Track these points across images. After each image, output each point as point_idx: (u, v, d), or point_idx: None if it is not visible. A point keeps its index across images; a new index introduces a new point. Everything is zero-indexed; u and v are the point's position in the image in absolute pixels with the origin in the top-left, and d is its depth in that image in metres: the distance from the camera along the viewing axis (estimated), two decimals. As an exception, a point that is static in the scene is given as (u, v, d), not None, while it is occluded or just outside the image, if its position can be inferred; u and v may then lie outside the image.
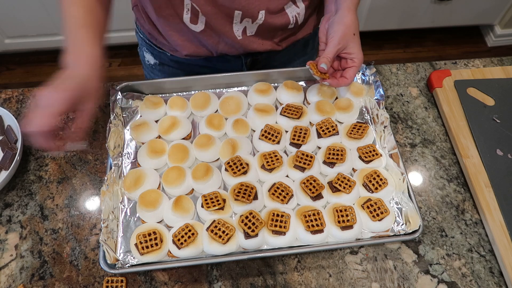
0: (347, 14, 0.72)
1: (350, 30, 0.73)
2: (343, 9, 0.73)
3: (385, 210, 0.70)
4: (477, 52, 2.31)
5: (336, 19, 0.73)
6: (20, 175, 0.80)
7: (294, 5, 0.81)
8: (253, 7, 0.76)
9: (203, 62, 0.92)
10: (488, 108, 0.86)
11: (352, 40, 0.73)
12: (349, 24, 0.72)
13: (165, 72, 0.98)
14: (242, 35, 0.83)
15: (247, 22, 0.80)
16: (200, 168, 0.74)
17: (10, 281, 0.69)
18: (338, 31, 0.72)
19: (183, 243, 0.66)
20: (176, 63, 0.94)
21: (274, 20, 0.80)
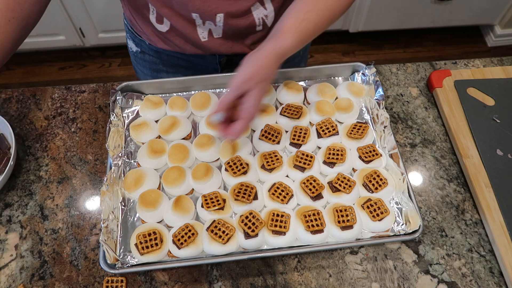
0: (263, 57, 0.62)
1: (258, 75, 0.61)
2: (265, 49, 0.63)
3: (385, 210, 0.70)
4: (477, 52, 2.31)
5: (252, 57, 0.63)
6: (20, 175, 0.80)
7: (262, 7, 0.77)
8: (210, 10, 0.73)
9: (179, 55, 0.91)
10: (488, 108, 0.86)
11: (255, 88, 0.62)
12: (259, 68, 0.62)
13: (146, 61, 0.98)
14: (208, 37, 0.80)
15: (210, 24, 0.77)
16: (200, 168, 0.74)
17: (10, 281, 0.69)
18: (244, 71, 0.62)
19: (183, 243, 0.66)
20: (155, 53, 0.93)
21: (238, 22, 0.77)
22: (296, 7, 0.67)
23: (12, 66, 2.17)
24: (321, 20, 0.68)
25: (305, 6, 0.67)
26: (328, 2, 0.68)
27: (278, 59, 0.64)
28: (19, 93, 0.91)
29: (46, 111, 0.88)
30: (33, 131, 0.86)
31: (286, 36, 0.64)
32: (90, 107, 0.89)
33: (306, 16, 0.66)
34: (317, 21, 0.67)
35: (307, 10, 0.66)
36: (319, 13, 0.67)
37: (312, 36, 0.69)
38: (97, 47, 2.16)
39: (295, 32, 0.65)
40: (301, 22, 0.65)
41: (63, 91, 0.91)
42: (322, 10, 0.68)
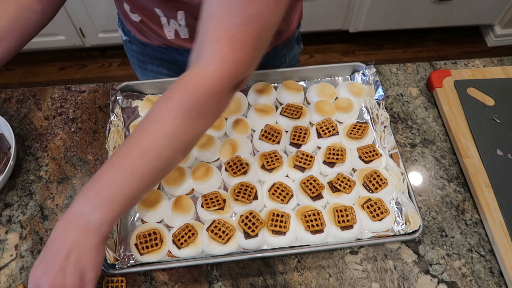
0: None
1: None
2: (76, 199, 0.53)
3: (385, 210, 0.70)
4: (477, 52, 2.31)
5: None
6: (20, 175, 0.80)
7: None
8: (170, 7, 0.70)
9: (161, 48, 0.89)
10: (488, 108, 0.86)
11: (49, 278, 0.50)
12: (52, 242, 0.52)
13: (133, 50, 0.97)
14: (175, 36, 0.79)
15: (175, 24, 0.75)
16: (200, 168, 0.74)
17: (10, 281, 0.69)
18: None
19: (183, 243, 0.66)
20: (140, 44, 0.92)
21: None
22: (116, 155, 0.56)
23: (12, 66, 2.17)
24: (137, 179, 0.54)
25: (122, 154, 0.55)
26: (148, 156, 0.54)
27: (77, 224, 0.54)
28: (19, 93, 0.91)
29: (46, 111, 0.88)
30: (33, 131, 0.86)
31: (78, 205, 0.54)
32: (90, 107, 0.89)
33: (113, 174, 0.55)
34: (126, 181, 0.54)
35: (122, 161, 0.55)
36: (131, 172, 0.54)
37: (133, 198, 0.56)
38: (97, 47, 2.16)
39: (87, 199, 0.54)
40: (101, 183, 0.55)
41: (63, 91, 0.91)
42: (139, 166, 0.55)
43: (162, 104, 0.52)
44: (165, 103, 0.52)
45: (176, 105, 0.52)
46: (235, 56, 0.51)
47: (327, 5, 1.97)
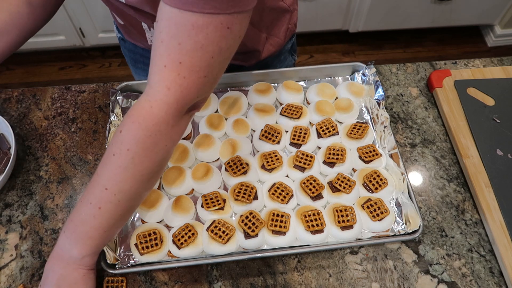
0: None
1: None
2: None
3: (385, 210, 0.70)
4: (477, 52, 2.31)
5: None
6: (20, 175, 0.80)
7: None
8: (147, 19, 0.69)
9: (149, 50, 0.89)
10: (488, 108, 0.86)
11: None
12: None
13: (126, 48, 0.97)
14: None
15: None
16: (200, 168, 0.74)
17: (10, 281, 0.69)
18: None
19: (183, 243, 0.66)
20: (132, 45, 0.92)
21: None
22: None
23: (12, 66, 2.17)
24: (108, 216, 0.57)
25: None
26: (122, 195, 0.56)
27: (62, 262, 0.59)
28: (19, 93, 0.91)
29: (46, 111, 0.88)
30: (33, 131, 0.86)
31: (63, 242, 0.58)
32: (90, 107, 0.89)
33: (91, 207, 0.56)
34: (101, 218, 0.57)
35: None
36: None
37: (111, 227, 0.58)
38: (97, 47, 2.16)
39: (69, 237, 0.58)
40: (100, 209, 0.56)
41: (63, 91, 0.91)
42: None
43: (116, 137, 0.53)
44: (118, 136, 0.53)
45: (127, 138, 0.52)
46: (182, 83, 0.49)
47: (327, 5, 1.97)
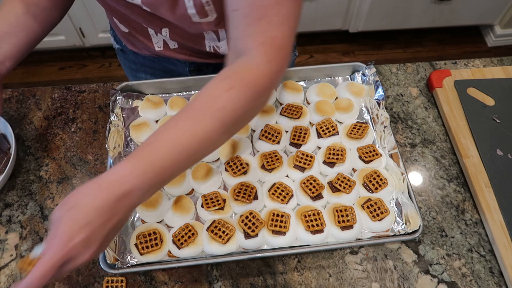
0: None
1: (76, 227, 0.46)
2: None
3: (385, 210, 0.70)
4: (477, 52, 2.31)
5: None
6: (20, 175, 0.80)
7: (215, 35, 0.75)
8: (155, 24, 0.71)
9: (152, 57, 0.90)
10: (488, 108, 0.86)
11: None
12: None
13: (126, 59, 0.97)
14: (164, 47, 0.79)
15: (164, 36, 0.76)
16: (200, 168, 0.74)
17: (10, 281, 0.69)
18: (63, 227, 0.46)
19: (183, 243, 0.66)
20: (132, 53, 0.93)
21: (188, 43, 0.75)
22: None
23: (12, 66, 2.17)
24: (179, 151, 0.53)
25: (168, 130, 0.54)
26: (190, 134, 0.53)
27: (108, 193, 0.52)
28: (19, 93, 0.91)
29: (46, 111, 0.88)
30: (33, 131, 0.86)
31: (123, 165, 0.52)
32: (90, 107, 0.89)
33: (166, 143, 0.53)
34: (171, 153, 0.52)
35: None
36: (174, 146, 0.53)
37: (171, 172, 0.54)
38: (97, 47, 2.16)
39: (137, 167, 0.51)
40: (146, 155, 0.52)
41: (63, 91, 0.91)
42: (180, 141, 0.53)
43: (224, 93, 0.52)
44: (227, 92, 0.52)
45: (238, 96, 0.53)
46: (278, 55, 0.54)
47: (327, 5, 1.97)
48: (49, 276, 0.45)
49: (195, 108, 0.53)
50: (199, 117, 0.52)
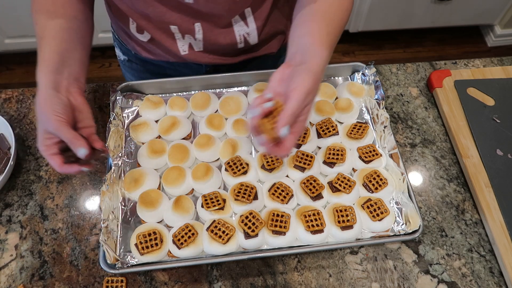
0: (316, 68, 0.57)
1: (317, 86, 0.57)
2: (312, 62, 0.58)
3: (385, 210, 0.70)
4: (477, 52, 2.31)
5: (305, 68, 0.57)
6: (20, 175, 0.80)
7: (243, 22, 0.76)
8: (187, 20, 0.72)
9: (165, 64, 0.90)
10: (488, 108, 0.86)
11: (312, 101, 0.58)
12: (318, 79, 0.57)
13: (134, 69, 0.98)
14: (189, 50, 0.80)
15: (190, 38, 0.77)
16: (200, 168, 0.74)
17: (10, 281, 0.69)
18: (306, 82, 0.55)
19: (183, 243, 0.66)
20: (141, 61, 0.93)
21: (218, 38, 0.76)
22: (314, 22, 0.65)
23: (12, 66, 2.17)
24: (339, 32, 0.67)
25: (323, 21, 0.65)
26: (338, 14, 0.68)
27: (323, 72, 0.60)
28: (19, 93, 0.91)
29: (46, 111, 0.88)
30: (33, 131, 0.86)
31: (321, 49, 0.60)
32: (90, 107, 0.89)
33: (328, 29, 0.64)
34: (336, 33, 0.66)
35: (326, 24, 0.65)
36: (336, 26, 0.66)
37: (334, 47, 0.68)
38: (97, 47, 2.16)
39: (327, 46, 0.62)
40: (327, 36, 0.63)
41: (63, 91, 0.91)
42: (337, 22, 0.67)
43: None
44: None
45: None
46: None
47: (327, 5, 1.96)
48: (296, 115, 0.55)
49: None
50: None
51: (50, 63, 0.63)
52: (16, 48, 2.07)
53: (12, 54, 2.14)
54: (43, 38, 0.65)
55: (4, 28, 1.96)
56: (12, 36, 2.01)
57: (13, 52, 2.11)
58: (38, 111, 0.61)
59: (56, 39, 0.65)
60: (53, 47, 0.64)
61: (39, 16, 0.66)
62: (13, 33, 2.00)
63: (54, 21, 0.66)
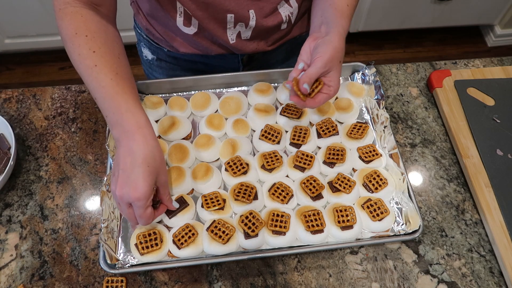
0: (338, 39, 0.68)
1: (338, 55, 0.68)
2: (334, 33, 0.69)
3: (385, 210, 0.70)
4: (477, 52, 2.31)
5: (327, 40, 0.68)
6: (20, 175, 0.80)
7: (287, 4, 0.80)
8: (243, 7, 0.75)
9: (200, 58, 0.91)
10: (488, 108, 0.86)
11: (336, 67, 0.69)
12: (339, 49, 0.68)
13: (163, 67, 0.98)
14: (236, 39, 0.82)
15: (241, 27, 0.79)
16: (200, 168, 0.74)
17: (10, 281, 0.69)
18: (327, 52, 0.67)
19: (183, 243, 0.66)
20: (173, 59, 0.94)
21: (267, 22, 0.79)
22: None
23: (12, 66, 2.17)
24: (356, 2, 0.76)
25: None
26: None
27: (344, 40, 0.70)
28: (19, 93, 0.91)
29: (46, 111, 0.88)
30: (33, 131, 0.86)
31: (343, 20, 0.71)
32: (90, 107, 0.89)
33: (348, 1, 0.73)
34: (354, 3, 0.75)
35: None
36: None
37: (352, 17, 0.77)
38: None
39: (346, 16, 0.72)
40: (347, 7, 0.73)
41: (63, 91, 0.91)
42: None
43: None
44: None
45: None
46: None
47: (327, 5, 1.96)
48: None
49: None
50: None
51: (139, 103, 0.63)
52: (16, 48, 2.07)
53: (12, 54, 2.14)
54: (122, 77, 0.63)
55: (4, 28, 1.97)
56: (12, 36, 2.01)
57: (13, 52, 2.11)
58: (157, 158, 0.61)
59: (134, 83, 0.66)
60: (129, 82, 0.65)
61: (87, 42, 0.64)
62: (13, 33, 2.00)
63: (109, 48, 0.65)
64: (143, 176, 0.59)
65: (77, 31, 0.64)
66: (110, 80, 0.61)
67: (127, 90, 0.62)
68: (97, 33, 0.65)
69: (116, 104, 0.61)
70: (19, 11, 1.86)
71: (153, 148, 0.60)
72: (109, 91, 0.61)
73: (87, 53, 0.63)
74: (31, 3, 1.82)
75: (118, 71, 0.63)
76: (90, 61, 0.62)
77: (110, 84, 0.61)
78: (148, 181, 0.59)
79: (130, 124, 0.60)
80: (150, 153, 0.60)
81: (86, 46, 0.63)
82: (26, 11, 1.86)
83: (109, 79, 0.62)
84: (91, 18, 0.66)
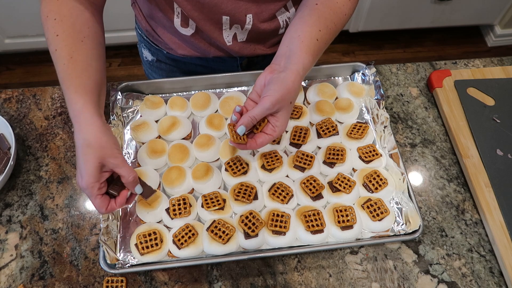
0: (293, 79, 0.63)
1: (289, 96, 0.64)
2: (291, 70, 0.64)
3: (385, 210, 0.70)
4: (477, 52, 2.31)
5: (281, 78, 0.63)
6: (20, 175, 0.80)
7: (285, 10, 0.79)
8: (240, 11, 0.74)
9: (199, 61, 0.92)
10: (488, 108, 0.86)
11: (286, 108, 0.65)
12: (291, 90, 0.63)
13: (162, 69, 0.98)
14: (233, 41, 0.82)
15: (237, 28, 0.79)
16: (200, 168, 0.74)
17: (10, 281, 0.69)
18: (278, 92, 0.62)
19: (183, 243, 0.66)
20: (172, 61, 0.94)
21: (264, 26, 0.79)
22: (308, 25, 0.67)
23: (12, 66, 2.17)
24: (330, 38, 0.70)
25: (317, 25, 0.68)
26: (334, 19, 0.70)
27: (302, 79, 0.66)
28: (19, 93, 0.91)
29: (46, 111, 0.88)
30: (33, 131, 0.86)
31: (305, 56, 0.65)
32: (90, 107, 0.89)
33: (319, 35, 0.67)
34: (327, 39, 0.69)
35: (319, 29, 0.67)
36: (329, 31, 0.69)
37: (322, 53, 0.71)
38: (97, 47, 2.16)
39: (312, 52, 0.67)
40: (316, 42, 0.67)
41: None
42: (331, 28, 0.69)
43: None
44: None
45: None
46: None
47: (327, 5, 1.97)
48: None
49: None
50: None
51: (93, 96, 0.61)
52: (16, 48, 2.07)
53: (12, 54, 2.14)
54: (75, 60, 0.61)
55: (4, 28, 1.96)
56: (12, 36, 2.01)
57: (13, 52, 2.11)
58: (94, 142, 0.58)
59: (91, 67, 0.63)
60: (92, 75, 0.62)
61: (62, 37, 0.63)
62: (13, 33, 2.00)
63: (84, 43, 0.63)
64: (85, 165, 0.57)
65: (48, 15, 0.63)
66: (63, 65, 0.60)
67: (74, 75, 0.60)
68: (66, 17, 0.63)
69: (64, 91, 0.60)
70: (19, 11, 1.86)
71: (88, 134, 0.58)
72: (61, 76, 0.61)
73: (52, 37, 0.62)
74: (31, 3, 1.82)
75: (73, 55, 0.61)
76: (52, 46, 0.62)
77: (62, 69, 0.60)
78: (90, 169, 0.57)
79: (70, 113, 0.59)
80: (85, 141, 0.58)
81: (52, 30, 0.62)
82: (26, 11, 1.86)
83: (62, 64, 0.60)
84: (67, 2, 0.64)
